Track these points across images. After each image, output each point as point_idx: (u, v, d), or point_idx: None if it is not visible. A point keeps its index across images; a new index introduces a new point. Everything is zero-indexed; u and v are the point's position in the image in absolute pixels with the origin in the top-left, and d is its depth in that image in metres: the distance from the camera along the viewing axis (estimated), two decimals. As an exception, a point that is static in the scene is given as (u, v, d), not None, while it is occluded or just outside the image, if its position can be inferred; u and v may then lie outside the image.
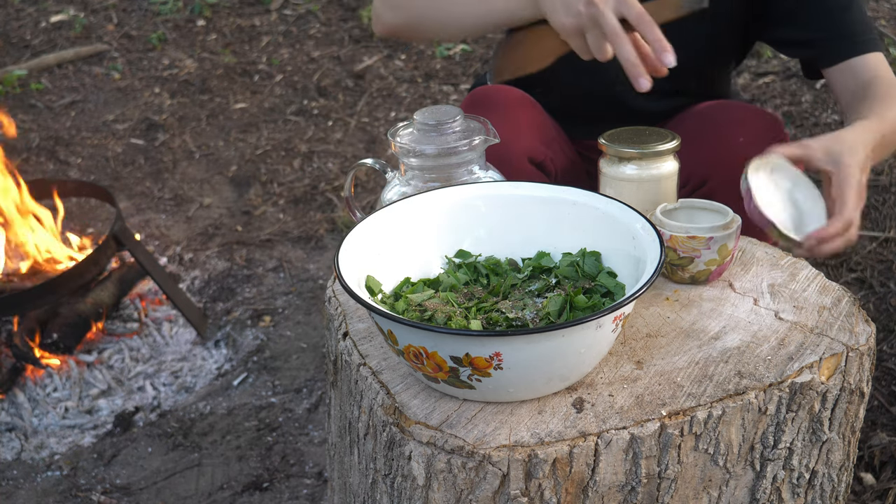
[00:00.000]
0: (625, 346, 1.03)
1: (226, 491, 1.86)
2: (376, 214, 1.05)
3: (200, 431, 2.03)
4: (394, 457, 0.95)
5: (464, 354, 0.87)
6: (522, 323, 0.96)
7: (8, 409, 2.12)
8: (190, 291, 2.53)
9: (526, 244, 1.10)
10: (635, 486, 0.93)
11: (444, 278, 1.06)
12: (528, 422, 0.92)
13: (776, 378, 0.96)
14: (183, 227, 2.86)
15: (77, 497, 1.87)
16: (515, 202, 1.09)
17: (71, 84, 3.82)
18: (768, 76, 3.43)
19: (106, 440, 2.03)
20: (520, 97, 1.52)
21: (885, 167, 2.80)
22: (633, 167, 1.20)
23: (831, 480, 1.05)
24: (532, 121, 1.50)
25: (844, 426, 1.03)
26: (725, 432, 0.94)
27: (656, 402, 0.94)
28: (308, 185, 3.05)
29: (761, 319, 1.07)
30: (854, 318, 1.06)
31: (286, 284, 2.54)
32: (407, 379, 1.00)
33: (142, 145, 3.37)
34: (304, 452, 1.95)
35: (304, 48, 3.99)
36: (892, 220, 2.58)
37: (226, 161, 3.23)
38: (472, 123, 1.18)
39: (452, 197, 1.09)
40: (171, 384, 2.20)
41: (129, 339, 2.31)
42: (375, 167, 1.23)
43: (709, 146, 1.43)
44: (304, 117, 3.50)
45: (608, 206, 1.04)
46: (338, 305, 1.14)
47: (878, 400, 1.92)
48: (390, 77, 3.73)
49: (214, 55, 3.95)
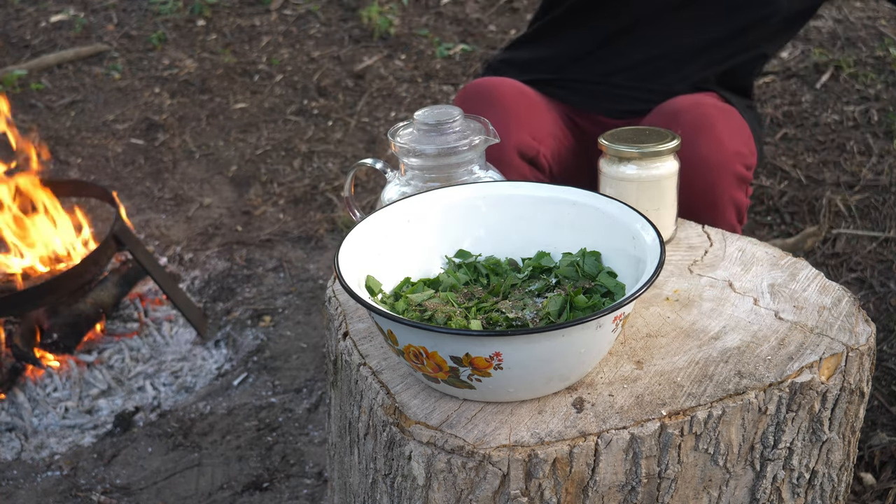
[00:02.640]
0: (625, 346, 1.03)
1: (226, 491, 1.86)
2: (376, 214, 1.05)
3: (200, 431, 2.03)
4: (394, 457, 0.95)
5: (464, 354, 0.87)
6: (522, 323, 0.96)
7: (8, 409, 2.12)
8: (190, 291, 2.53)
9: (526, 244, 1.10)
10: (635, 486, 0.93)
11: (444, 278, 1.06)
12: (528, 422, 0.92)
13: (776, 378, 0.96)
14: (183, 227, 2.86)
15: (77, 497, 1.87)
16: (515, 202, 1.09)
17: (71, 84, 3.82)
18: (768, 76, 3.43)
19: (106, 440, 2.03)
20: (513, 90, 1.52)
21: (885, 167, 2.80)
22: (633, 167, 1.20)
23: (831, 480, 1.05)
24: (524, 114, 1.51)
25: (844, 426, 1.03)
26: (725, 432, 0.94)
27: (656, 401, 0.94)
28: (308, 185, 3.05)
29: (761, 319, 1.07)
30: (854, 318, 1.06)
31: (286, 284, 2.54)
32: (407, 379, 1.00)
33: (142, 145, 3.37)
34: (304, 452, 1.95)
35: (304, 48, 3.99)
36: (892, 220, 2.58)
37: (226, 161, 3.23)
38: (472, 123, 1.18)
39: (452, 197, 1.09)
40: (171, 384, 2.20)
41: (129, 339, 2.31)
42: (375, 167, 1.23)
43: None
44: (304, 117, 3.50)
45: (608, 206, 1.04)
46: (338, 305, 1.14)
47: (878, 400, 1.92)
48: (390, 77, 3.73)
49: (214, 55, 3.95)
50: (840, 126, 3.08)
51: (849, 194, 2.70)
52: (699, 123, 1.46)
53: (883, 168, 2.81)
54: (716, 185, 1.45)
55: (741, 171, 1.49)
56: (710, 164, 1.44)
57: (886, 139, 2.97)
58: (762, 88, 3.38)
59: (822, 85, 3.32)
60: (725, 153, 1.46)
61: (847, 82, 3.32)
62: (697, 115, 1.47)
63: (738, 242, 1.24)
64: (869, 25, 3.63)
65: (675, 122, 1.47)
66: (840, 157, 2.91)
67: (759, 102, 3.26)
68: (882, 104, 3.16)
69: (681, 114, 1.48)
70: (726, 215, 1.50)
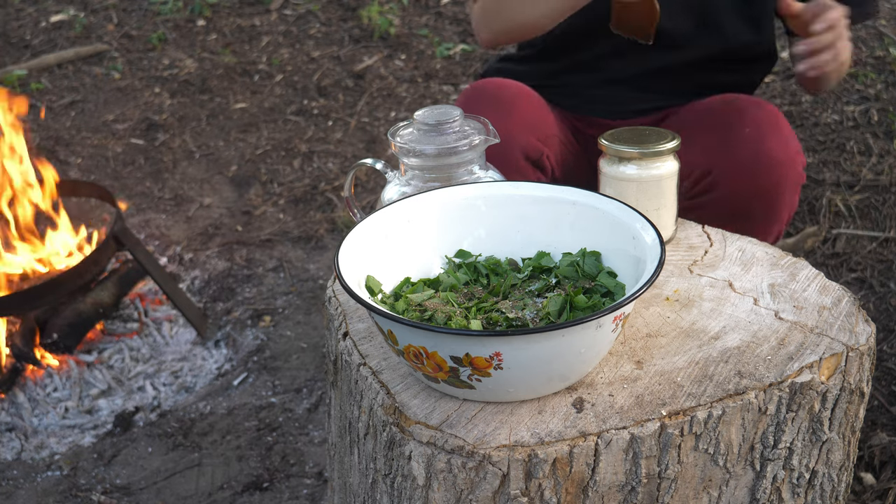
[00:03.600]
0: (625, 346, 1.03)
1: (226, 491, 1.86)
2: (376, 214, 1.05)
3: (200, 431, 2.03)
4: (394, 457, 0.95)
5: (464, 354, 0.87)
6: (522, 323, 0.96)
7: (8, 409, 2.12)
8: (190, 291, 2.53)
9: (526, 244, 1.10)
10: (635, 486, 0.93)
11: (444, 278, 1.06)
12: (528, 422, 0.92)
13: (776, 378, 0.96)
14: (183, 227, 2.86)
15: (77, 497, 1.87)
16: (515, 202, 1.09)
17: (71, 84, 3.82)
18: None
19: (106, 440, 2.03)
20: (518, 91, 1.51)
21: (885, 167, 2.80)
22: (633, 167, 1.20)
23: (831, 480, 1.05)
24: (530, 116, 1.50)
25: (844, 426, 1.03)
26: (725, 432, 0.94)
27: (656, 401, 0.94)
28: (308, 185, 3.05)
29: (761, 319, 1.07)
30: (854, 318, 1.06)
31: (286, 284, 2.54)
32: (407, 379, 1.00)
33: (142, 145, 3.37)
34: (304, 452, 1.95)
35: (304, 48, 3.99)
36: (892, 220, 2.58)
37: (226, 161, 3.23)
38: (472, 123, 1.18)
39: (452, 197, 1.09)
40: (171, 384, 2.20)
41: (129, 339, 2.31)
42: (375, 167, 1.23)
43: (714, 136, 1.43)
44: (304, 117, 3.50)
45: (608, 206, 1.04)
46: (338, 305, 1.14)
47: (878, 400, 1.92)
48: (390, 77, 3.73)
49: (214, 55, 3.95)
50: (840, 126, 3.08)
51: (849, 194, 2.70)
52: (769, 121, 1.45)
53: (883, 168, 2.81)
54: (779, 184, 1.45)
55: (800, 171, 1.49)
56: (776, 163, 1.43)
57: (886, 139, 2.97)
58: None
59: (822, 85, 3.32)
60: (790, 152, 1.45)
61: (847, 82, 3.32)
62: (766, 112, 1.45)
63: (738, 242, 1.24)
64: (869, 25, 3.63)
65: (742, 117, 1.45)
66: (840, 157, 2.91)
67: (759, 102, 3.26)
68: (882, 104, 3.16)
69: (748, 110, 1.46)
70: (782, 215, 1.49)
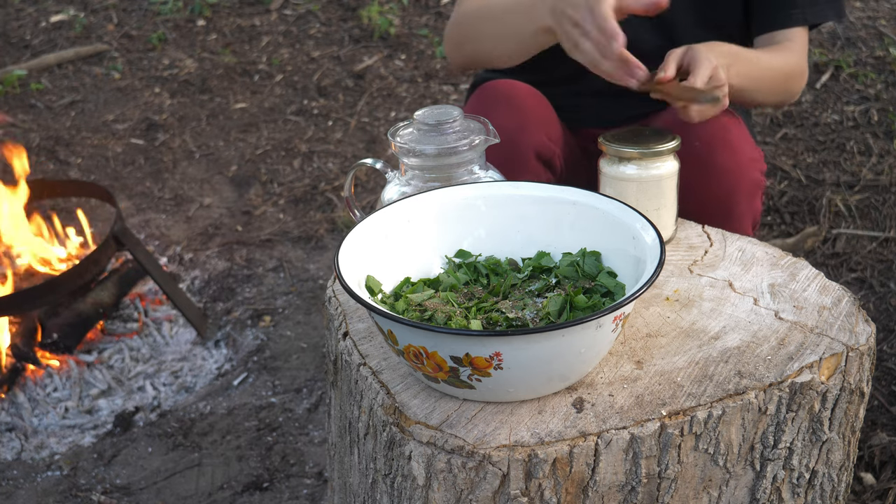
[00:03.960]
0: (625, 346, 1.03)
1: (226, 491, 1.86)
2: (376, 214, 1.05)
3: (200, 431, 2.03)
4: (394, 457, 0.95)
5: (464, 354, 0.87)
6: (522, 323, 0.96)
7: (8, 409, 2.12)
8: (190, 291, 2.53)
9: (526, 244, 1.10)
10: (635, 486, 0.93)
11: (444, 278, 1.06)
12: (528, 422, 0.92)
13: (776, 378, 0.96)
14: (183, 227, 2.86)
15: (77, 497, 1.87)
16: (515, 202, 1.09)
17: (71, 84, 3.82)
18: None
19: (106, 440, 2.03)
20: (528, 91, 1.50)
21: (885, 167, 2.80)
22: (633, 167, 1.20)
23: (831, 480, 1.05)
24: (540, 115, 1.49)
25: (844, 426, 1.03)
26: (725, 432, 0.94)
27: (656, 401, 0.94)
28: (308, 185, 3.05)
29: (761, 319, 1.07)
30: (854, 318, 1.06)
31: (286, 284, 2.54)
32: (407, 379, 1.00)
33: (142, 145, 3.37)
34: (304, 452, 1.95)
35: (304, 48, 3.99)
36: (892, 220, 2.58)
37: (226, 161, 3.23)
38: (472, 123, 1.18)
39: (452, 197, 1.09)
40: (171, 384, 2.20)
41: (129, 339, 2.31)
42: (375, 167, 1.23)
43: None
44: (304, 117, 3.50)
45: (608, 206, 1.04)
46: (338, 305, 1.14)
47: (878, 400, 1.92)
48: (390, 77, 3.73)
49: (214, 55, 3.95)
50: (840, 126, 3.08)
51: (849, 194, 2.70)
52: (716, 134, 1.42)
53: (883, 168, 2.81)
54: (733, 193, 1.44)
55: (757, 176, 1.47)
56: (725, 172, 1.42)
57: (886, 139, 2.97)
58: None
59: (822, 85, 3.32)
60: (741, 161, 1.44)
61: (847, 82, 3.32)
62: (715, 124, 1.43)
63: (737, 242, 1.24)
64: (869, 25, 3.63)
65: (689, 132, 1.43)
66: (840, 157, 2.91)
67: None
68: (882, 104, 3.16)
69: (698, 124, 1.45)
70: (743, 223, 1.48)
